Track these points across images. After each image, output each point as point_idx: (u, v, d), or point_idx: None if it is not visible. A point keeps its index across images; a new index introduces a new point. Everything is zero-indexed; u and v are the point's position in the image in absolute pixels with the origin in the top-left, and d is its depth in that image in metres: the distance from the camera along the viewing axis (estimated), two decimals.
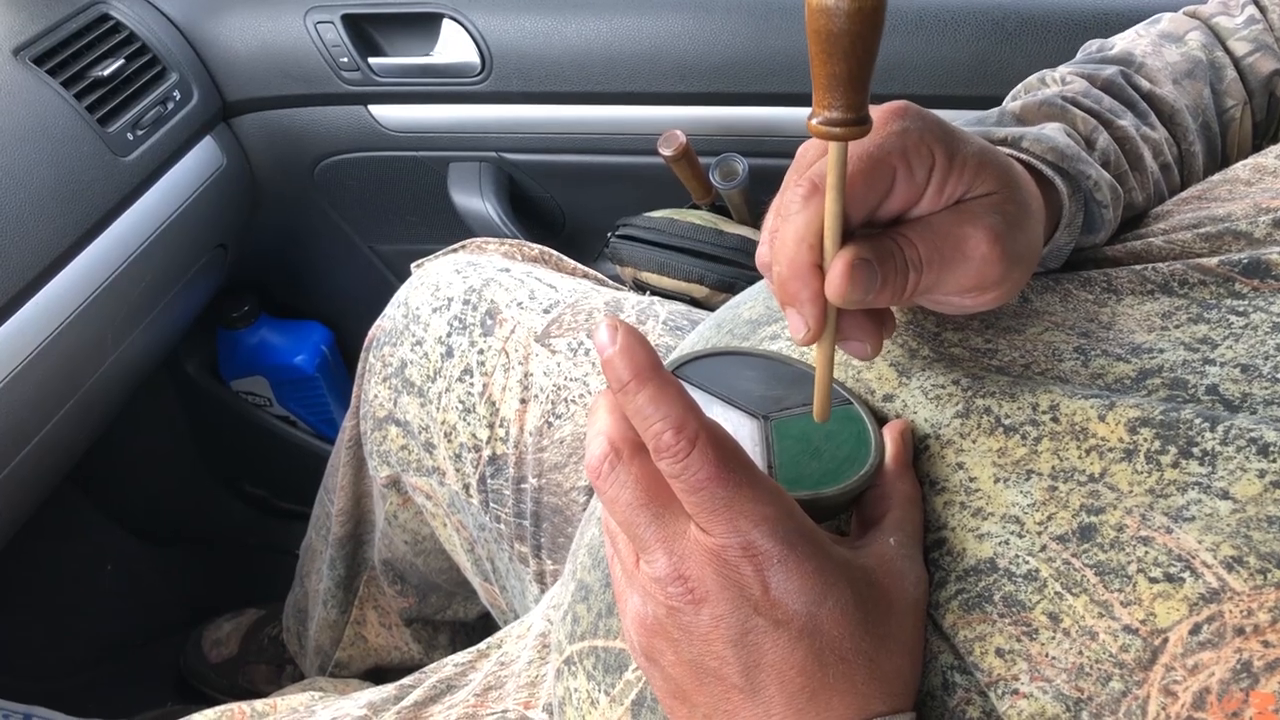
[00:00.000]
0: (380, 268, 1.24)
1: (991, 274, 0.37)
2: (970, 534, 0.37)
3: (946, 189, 0.36)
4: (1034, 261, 0.40)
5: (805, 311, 0.36)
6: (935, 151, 0.36)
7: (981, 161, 0.37)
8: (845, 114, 0.32)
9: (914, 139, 0.36)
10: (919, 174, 0.36)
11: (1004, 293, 0.38)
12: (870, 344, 0.38)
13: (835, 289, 0.35)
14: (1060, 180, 0.42)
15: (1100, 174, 0.43)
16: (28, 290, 0.80)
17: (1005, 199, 0.37)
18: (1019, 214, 0.38)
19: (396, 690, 0.61)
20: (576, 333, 0.72)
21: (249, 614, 1.21)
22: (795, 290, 0.36)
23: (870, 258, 0.35)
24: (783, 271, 0.36)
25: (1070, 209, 0.43)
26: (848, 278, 0.34)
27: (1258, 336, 0.37)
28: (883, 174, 0.36)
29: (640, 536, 0.35)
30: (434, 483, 0.78)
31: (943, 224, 0.37)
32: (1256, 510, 0.32)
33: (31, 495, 0.92)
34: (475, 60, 1.01)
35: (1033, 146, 0.42)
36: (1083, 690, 0.33)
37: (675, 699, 0.37)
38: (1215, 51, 0.54)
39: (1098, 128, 0.46)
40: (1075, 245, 0.45)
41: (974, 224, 0.36)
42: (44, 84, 0.88)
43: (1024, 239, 0.38)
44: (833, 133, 0.32)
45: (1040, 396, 0.38)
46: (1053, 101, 0.46)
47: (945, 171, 0.36)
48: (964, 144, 0.37)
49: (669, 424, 0.33)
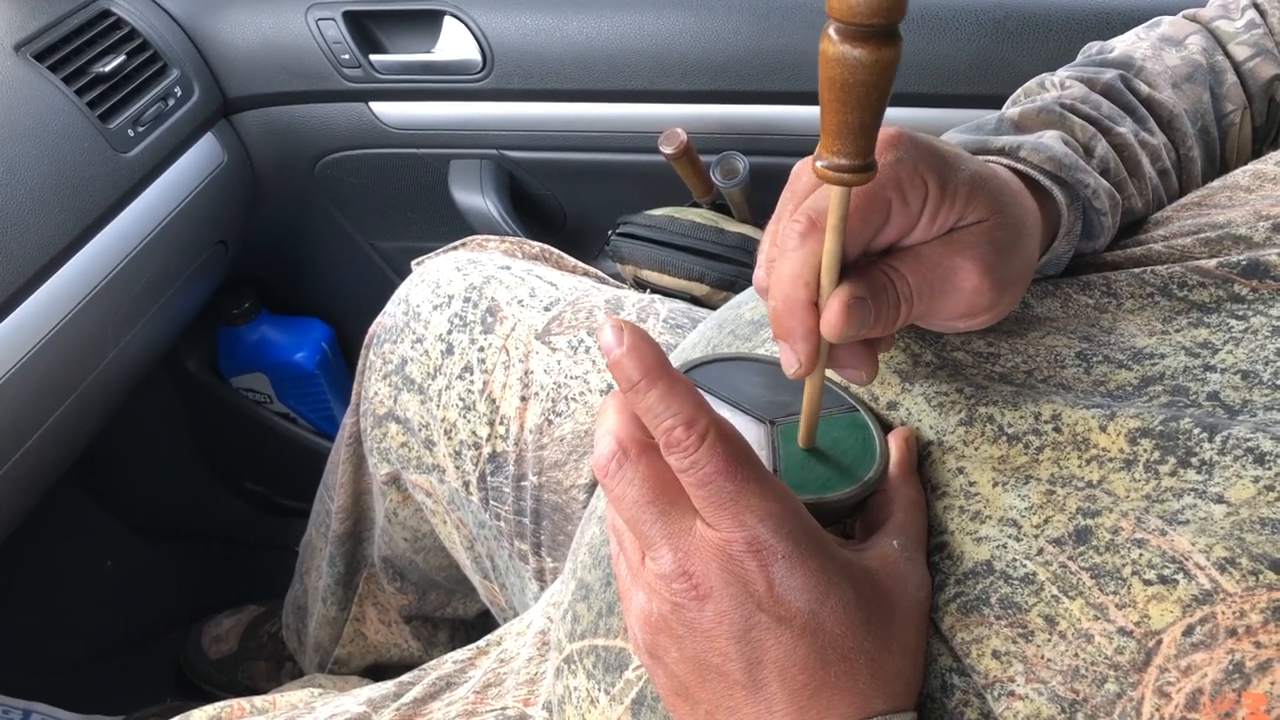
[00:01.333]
0: (381, 265, 1.24)
1: (981, 303, 0.37)
2: (968, 537, 0.37)
3: (939, 219, 0.37)
4: (1027, 279, 0.40)
5: (799, 348, 0.37)
6: (929, 181, 0.36)
7: (973, 189, 0.37)
8: (853, 160, 0.32)
9: (908, 170, 0.36)
10: (913, 205, 0.36)
11: (996, 315, 0.39)
12: (866, 371, 0.39)
13: (832, 328, 0.35)
14: (1058, 190, 0.42)
15: (1099, 182, 0.44)
16: (28, 286, 0.80)
17: (996, 225, 0.37)
18: (1010, 240, 0.38)
19: (396, 687, 0.61)
20: (577, 330, 0.72)
21: (248, 611, 1.21)
22: (790, 327, 0.36)
23: (865, 295, 0.35)
24: (778, 308, 0.37)
25: (1069, 218, 0.43)
26: (844, 317, 0.35)
27: (1258, 341, 0.37)
28: (879, 208, 0.36)
29: (646, 533, 0.35)
30: (434, 480, 0.78)
31: (933, 255, 0.37)
32: (1250, 513, 0.32)
33: (31, 491, 0.92)
34: (476, 57, 1.01)
35: (1030, 156, 0.43)
36: (1078, 692, 0.33)
37: (678, 696, 0.37)
38: (1215, 56, 0.54)
39: (1096, 135, 0.46)
40: (1075, 252, 0.45)
41: (964, 255, 0.37)
42: (45, 80, 0.88)
43: (1016, 263, 0.38)
44: (841, 179, 0.32)
45: (1043, 406, 0.38)
46: (1051, 109, 0.47)
47: (938, 201, 0.36)
48: (956, 171, 0.37)
49: (680, 420, 0.33)
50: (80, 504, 1.27)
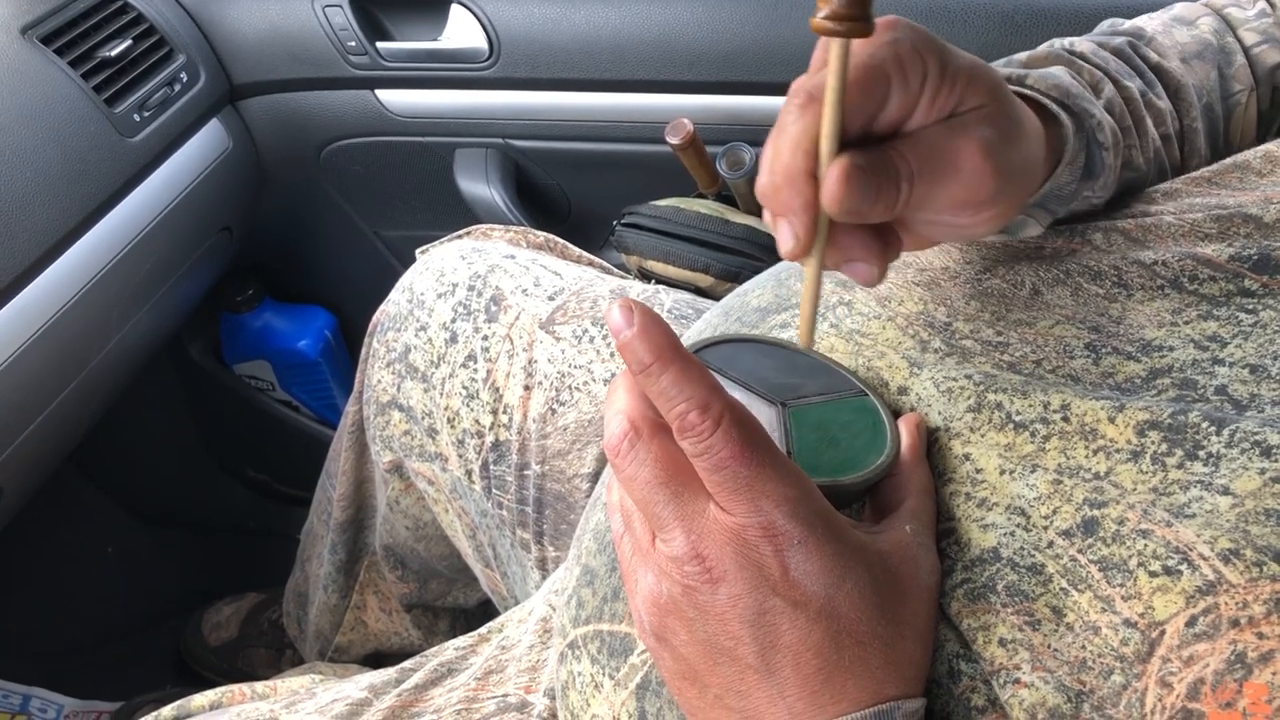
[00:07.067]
0: (385, 253, 1.24)
1: (984, 188, 0.36)
2: (975, 524, 0.37)
3: (939, 101, 0.36)
4: (1030, 182, 0.40)
5: (796, 221, 0.35)
6: (928, 61, 0.35)
7: (973, 74, 0.36)
8: (850, 9, 0.31)
9: (907, 49, 0.35)
10: (913, 84, 0.35)
11: (998, 212, 0.38)
12: (876, 265, 0.37)
13: (831, 195, 0.34)
14: (1065, 115, 0.42)
15: (1103, 115, 0.43)
16: (33, 270, 0.80)
17: (997, 112, 0.37)
18: (1011, 128, 0.37)
19: (397, 673, 0.61)
20: (581, 320, 0.72)
21: (249, 598, 1.21)
22: (788, 198, 0.35)
23: (865, 165, 0.34)
24: (776, 180, 0.35)
25: (1073, 145, 0.42)
26: (844, 183, 0.34)
27: (1267, 335, 0.37)
28: (878, 83, 0.35)
29: (658, 515, 0.35)
30: (436, 468, 0.78)
31: (935, 137, 0.36)
32: (1255, 505, 0.32)
33: (33, 476, 0.92)
34: (483, 46, 1.01)
35: (1037, 84, 0.42)
36: (1085, 683, 0.33)
37: (686, 680, 0.37)
38: (1226, 37, 0.54)
39: (1104, 79, 0.46)
40: (1077, 195, 0.45)
41: (965, 136, 0.36)
42: (51, 63, 0.88)
43: (1017, 154, 0.37)
44: (836, 29, 0.31)
45: (1053, 395, 0.38)
46: (1059, 54, 0.47)
47: (938, 82, 0.36)
48: (956, 56, 0.36)
49: (694, 404, 0.33)
50: (82, 490, 1.27)
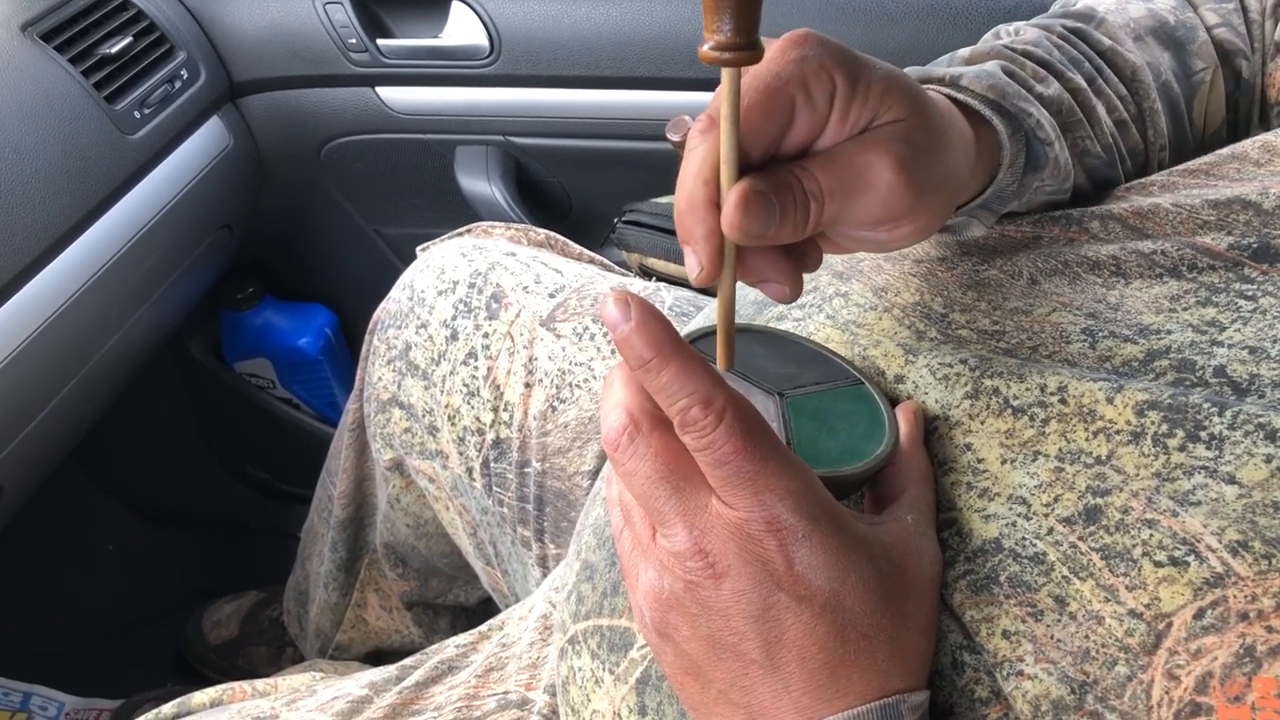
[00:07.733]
0: (385, 251, 1.24)
1: (899, 204, 0.35)
2: (977, 515, 0.37)
3: (850, 117, 0.35)
4: (953, 193, 0.39)
5: (700, 249, 0.35)
6: (836, 78, 0.34)
7: (887, 87, 0.35)
8: (734, 38, 0.31)
9: (813, 66, 0.34)
10: (819, 102, 0.34)
11: (918, 227, 0.37)
12: (788, 285, 0.37)
13: (730, 222, 0.33)
14: (999, 120, 0.41)
15: (1041, 112, 0.42)
16: (32, 267, 0.80)
17: (913, 126, 0.36)
18: (929, 140, 0.36)
19: (398, 671, 0.61)
20: (582, 317, 0.72)
21: (249, 596, 1.21)
22: (690, 226, 0.35)
23: (766, 189, 0.33)
24: (680, 208, 0.35)
25: (1010, 149, 0.41)
26: (741, 210, 0.33)
27: (1266, 320, 0.37)
28: (780, 104, 0.34)
29: (659, 510, 0.35)
30: (437, 466, 0.78)
31: (845, 153, 0.35)
32: (1263, 495, 0.32)
33: (34, 474, 0.92)
34: (484, 43, 1.01)
35: (971, 85, 0.41)
36: (1088, 674, 0.32)
37: (688, 675, 0.37)
38: (1185, 13, 0.53)
39: (1048, 78, 0.45)
40: (1025, 191, 0.44)
41: (877, 151, 0.35)
42: (51, 60, 0.88)
43: (937, 166, 0.36)
44: (722, 58, 0.31)
45: (1049, 378, 0.38)
46: (1000, 50, 0.45)
47: (848, 98, 0.34)
48: (869, 70, 0.35)
49: (696, 399, 0.32)
50: (82, 488, 1.27)
